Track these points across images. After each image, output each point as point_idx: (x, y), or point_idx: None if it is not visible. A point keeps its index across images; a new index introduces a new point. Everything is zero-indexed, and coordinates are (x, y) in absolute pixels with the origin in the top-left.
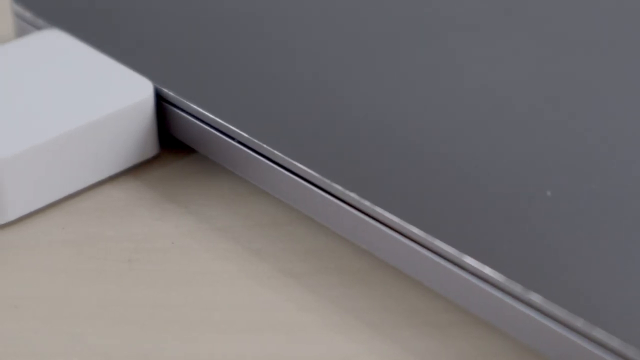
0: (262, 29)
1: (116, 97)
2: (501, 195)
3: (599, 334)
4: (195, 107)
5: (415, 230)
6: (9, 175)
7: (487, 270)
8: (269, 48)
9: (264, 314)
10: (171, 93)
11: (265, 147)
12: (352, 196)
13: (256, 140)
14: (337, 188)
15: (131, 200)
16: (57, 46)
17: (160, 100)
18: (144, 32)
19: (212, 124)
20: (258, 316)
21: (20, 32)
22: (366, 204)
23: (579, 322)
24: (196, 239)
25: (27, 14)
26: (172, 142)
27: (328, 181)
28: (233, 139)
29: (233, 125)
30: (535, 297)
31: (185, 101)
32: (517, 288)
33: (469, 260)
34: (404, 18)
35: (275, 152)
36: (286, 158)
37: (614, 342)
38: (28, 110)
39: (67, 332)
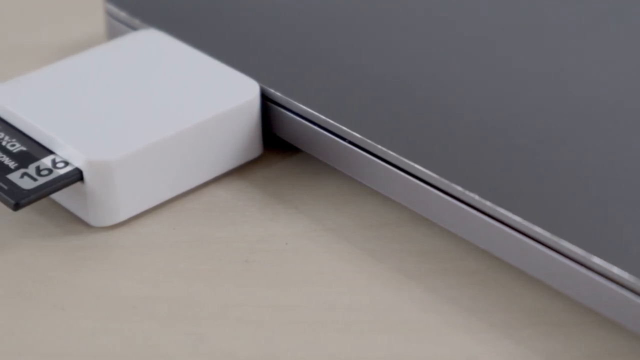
0: (371, 26)
1: (223, 97)
2: (626, 195)
3: None
4: (303, 107)
5: (540, 231)
6: (120, 176)
7: (616, 270)
8: (377, 46)
9: (387, 314)
10: (278, 93)
11: (380, 148)
12: (473, 197)
13: (370, 141)
14: (457, 189)
15: (239, 200)
16: (156, 46)
17: (264, 100)
18: (243, 30)
19: (322, 125)
20: (381, 316)
21: (112, 32)
22: (488, 204)
23: None
24: (310, 239)
25: (122, 14)
26: (273, 142)
27: (447, 182)
28: (344, 139)
29: (344, 126)
30: None
31: (292, 101)
32: None
33: (597, 261)
34: (511, 19)
35: (391, 152)
36: (403, 159)
37: None
38: (136, 112)
39: (190, 332)
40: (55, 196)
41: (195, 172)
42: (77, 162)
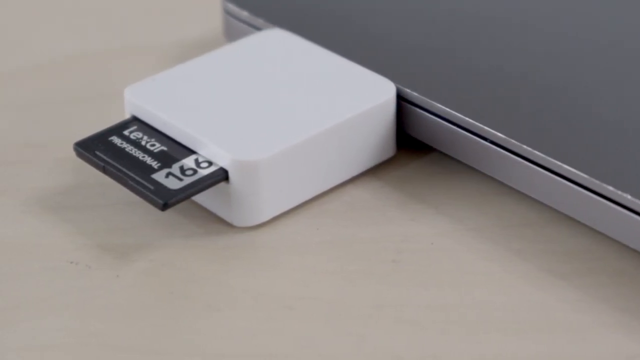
0: (509, 24)
1: (360, 98)
2: None
3: None
4: (443, 107)
5: None
6: (265, 176)
7: None
8: (515, 44)
9: (541, 314)
10: (414, 93)
11: (526, 148)
12: (625, 197)
13: (515, 141)
14: (609, 189)
15: (378, 201)
16: (285, 46)
17: (399, 100)
18: (369, 28)
19: (463, 125)
20: (535, 316)
21: (231, 31)
22: None
23: None
24: (454, 239)
25: (244, 13)
26: (404, 142)
27: (598, 182)
28: (486, 139)
29: (487, 126)
30: None
31: (430, 101)
32: None
33: None
34: None
35: (538, 153)
36: (552, 160)
37: None
38: (275, 112)
39: (349, 332)
40: (196, 196)
41: (334, 172)
42: (222, 161)
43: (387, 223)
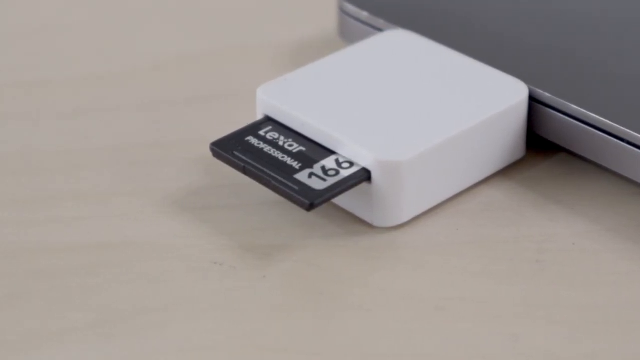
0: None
1: (495, 99)
2: None
3: None
4: (578, 108)
5: None
6: (408, 177)
7: None
8: None
9: None
10: (547, 94)
11: None
12: None
13: None
14: None
15: (513, 201)
16: (413, 47)
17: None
18: (493, 28)
19: (599, 126)
20: None
21: (347, 31)
22: None
23: None
24: (593, 239)
25: (363, 14)
26: (529, 143)
27: None
28: (622, 139)
29: (623, 126)
30: None
31: (565, 102)
32: None
33: None
34: None
35: None
36: None
37: None
38: (410, 112)
39: (502, 332)
40: None
41: (469, 173)
42: (365, 162)
43: (524, 223)
